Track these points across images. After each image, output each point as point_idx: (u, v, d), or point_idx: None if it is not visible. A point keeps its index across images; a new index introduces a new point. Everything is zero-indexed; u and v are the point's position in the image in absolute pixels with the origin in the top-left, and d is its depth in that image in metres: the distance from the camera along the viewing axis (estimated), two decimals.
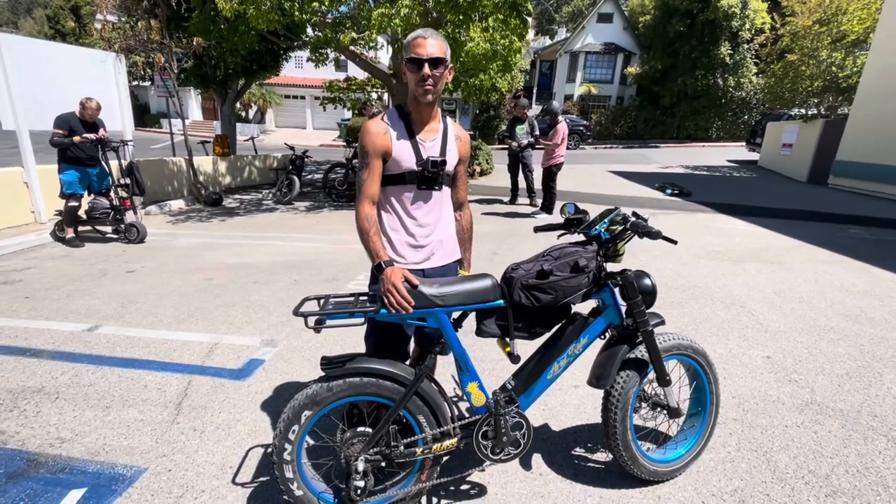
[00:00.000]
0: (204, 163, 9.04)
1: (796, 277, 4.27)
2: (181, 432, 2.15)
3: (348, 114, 25.32)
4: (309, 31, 9.93)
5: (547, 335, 1.70)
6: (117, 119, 7.11)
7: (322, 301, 1.53)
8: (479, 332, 1.62)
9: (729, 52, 21.94)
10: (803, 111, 13.07)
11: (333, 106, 12.40)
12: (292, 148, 9.01)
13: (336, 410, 1.57)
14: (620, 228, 1.62)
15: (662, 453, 1.87)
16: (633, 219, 1.61)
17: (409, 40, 1.49)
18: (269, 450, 2.03)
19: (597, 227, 1.62)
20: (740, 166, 14.49)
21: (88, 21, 27.47)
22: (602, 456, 2.00)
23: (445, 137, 1.62)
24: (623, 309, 1.69)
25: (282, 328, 3.26)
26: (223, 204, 8.18)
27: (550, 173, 7.09)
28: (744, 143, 18.73)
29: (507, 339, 1.59)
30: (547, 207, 7.27)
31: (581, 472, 1.90)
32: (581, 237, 1.75)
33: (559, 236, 1.93)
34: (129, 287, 4.07)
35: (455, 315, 1.62)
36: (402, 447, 1.53)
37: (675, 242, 1.66)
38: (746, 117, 23.15)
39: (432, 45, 1.47)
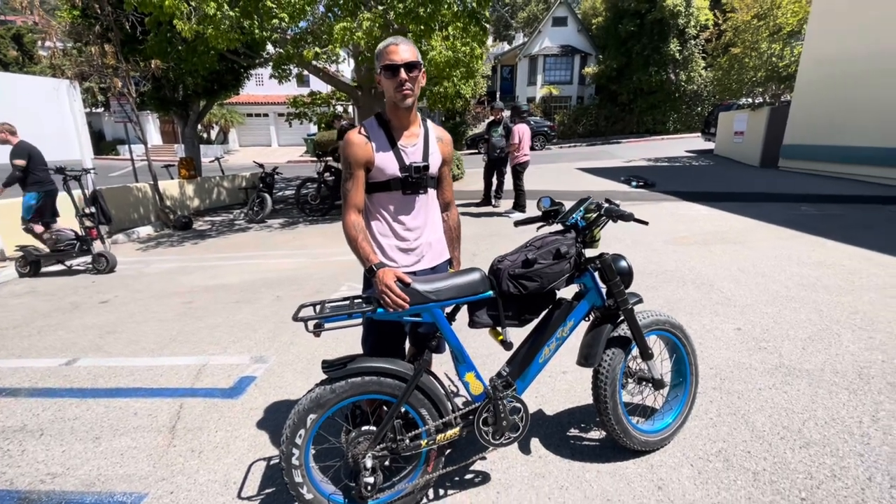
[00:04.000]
0: (170, 187, 8.83)
1: (757, 254, 4.55)
2: (179, 455, 2.13)
3: (314, 128, 25.20)
4: (270, 48, 9.89)
5: (535, 321, 1.80)
6: (75, 147, 6.90)
7: (318, 307, 1.57)
8: (472, 324, 1.70)
9: (678, 48, 22.99)
10: (750, 100, 13.85)
11: (300, 121, 12.33)
12: (262, 166, 8.92)
13: (340, 412, 1.61)
14: (595, 215, 1.73)
15: (651, 424, 1.99)
16: (606, 205, 1.72)
17: (382, 49, 1.53)
18: (277, 457, 2.04)
19: (573, 215, 1.73)
20: (698, 155, 15.17)
21: (32, 49, 26.32)
22: (595, 434, 2.10)
23: (427, 141, 1.66)
24: (603, 291, 1.80)
25: (270, 344, 3.24)
26: (194, 227, 8.00)
27: (516, 172, 7.31)
28: (699, 134, 19.61)
29: (499, 328, 1.68)
30: (519, 205, 7.44)
31: (577, 451, 1.99)
32: (559, 227, 1.86)
33: (538, 228, 2.03)
34: (104, 318, 3.95)
35: (448, 309, 1.70)
36: (407, 440, 1.59)
37: (646, 223, 1.78)
38: (699, 109, 24.26)
39: (405, 49, 1.52)
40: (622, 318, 1.80)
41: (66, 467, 2.08)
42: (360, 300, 1.57)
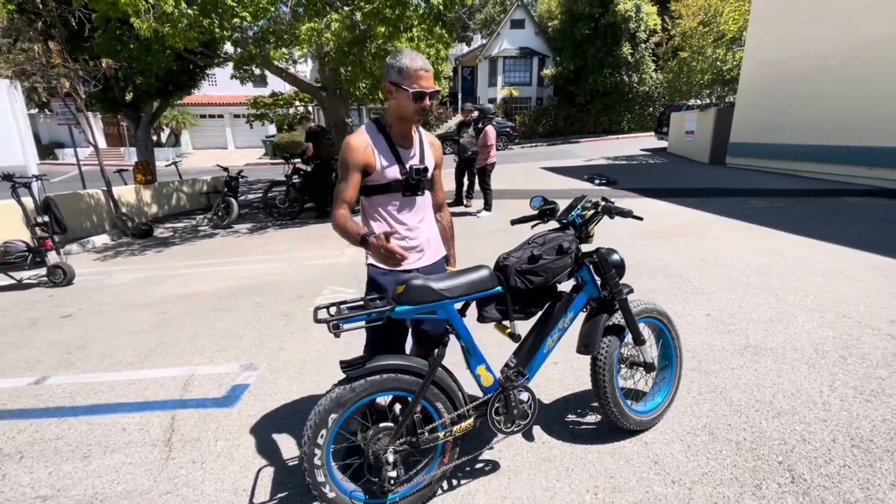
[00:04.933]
0: (125, 193, 8.37)
1: (716, 246, 4.90)
2: (180, 467, 2.08)
3: (273, 130, 24.50)
4: (229, 47, 9.56)
5: (537, 315, 1.90)
6: (18, 152, 6.41)
7: (334, 308, 1.60)
8: (482, 318, 1.78)
9: (630, 51, 24.07)
10: (698, 101, 14.73)
11: (261, 123, 12.00)
12: (226, 169, 8.62)
13: (358, 410, 1.64)
14: (592, 213, 1.85)
15: (644, 405, 2.14)
16: (603, 203, 1.85)
17: (409, 69, 1.58)
18: (291, 460, 2.04)
19: (572, 213, 1.85)
20: (653, 154, 15.99)
21: None
22: (592, 418, 2.24)
23: (423, 147, 1.77)
24: (598, 283, 1.93)
25: (258, 351, 3.19)
26: (154, 234, 7.62)
27: (485, 173, 7.47)
28: (653, 133, 20.65)
29: (508, 322, 1.77)
30: (487, 205, 7.59)
31: (578, 435, 2.11)
32: (555, 224, 1.97)
33: (532, 227, 2.14)
34: (68, 333, 3.74)
35: (458, 305, 1.77)
36: (426, 434, 1.64)
37: (640, 219, 1.91)
38: (651, 109, 25.50)
39: (431, 76, 1.62)
40: (617, 307, 1.93)
41: (57, 489, 1.99)
42: (376, 300, 1.61)
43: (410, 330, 1.86)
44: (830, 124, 9.02)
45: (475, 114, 7.63)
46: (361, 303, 1.61)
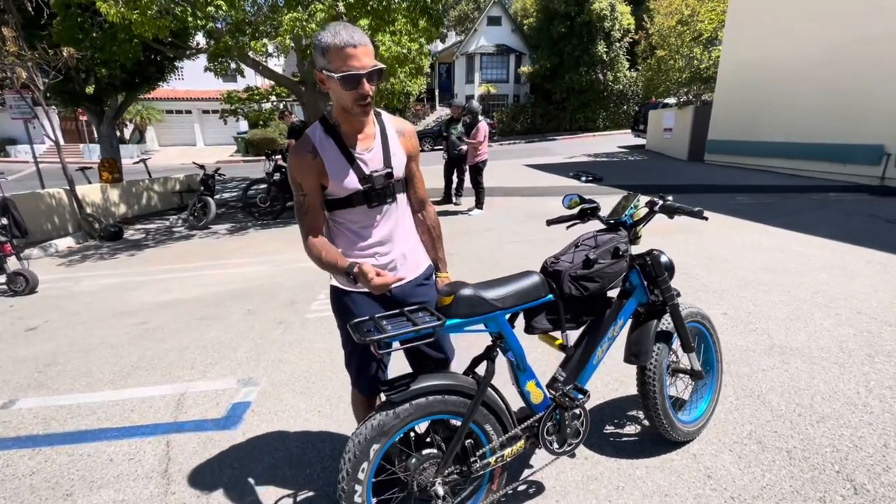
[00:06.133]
0: (90, 192, 7.80)
1: (716, 242, 4.90)
2: (182, 503, 1.84)
3: (245, 126, 23.65)
4: (200, 38, 9.06)
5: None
6: None
7: (371, 325, 1.39)
8: (530, 329, 1.62)
9: (605, 50, 24.37)
10: (674, 99, 15.02)
11: (235, 119, 11.47)
12: (202, 167, 8.16)
13: (401, 437, 1.45)
14: (646, 212, 1.71)
15: (688, 414, 2.03)
16: (661, 202, 1.71)
17: (333, 45, 1.20)
18: (330, 490, 1.83)
19: (626, 213, 1.70)
20: (631, 151, 16.21)
21: None
22: (631, 428, 2.11)
23: (386, 141, 1.42)
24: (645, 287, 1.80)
25: (255, 364, 2.94)
26: (125, 237, 7.13)
27: (477, 170, 7.31)
28: (629, 130, 20.95)
29: (560, 333, 1.61)
30: (479, 203, 7.45)
31: (621, 448, 1.98)
32: (598, 224, 1.83)
33: (568, 227, 1.99)
34: (36, 348, 3.37)
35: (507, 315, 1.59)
36: (477, 461, 1.47)
37: (706, 219, 1.78)
38: (625, 107, 25.93)
39: (365, 52, 1.21)
40: (666, 312, 1.81)
41: None
42: (418, 313, 1.41)
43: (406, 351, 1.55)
44: (806, 122, 9.30)
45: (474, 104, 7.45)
46: (403, 318, 1.40)
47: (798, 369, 2.47)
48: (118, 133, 23.45)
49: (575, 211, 1.91)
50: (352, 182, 1.36)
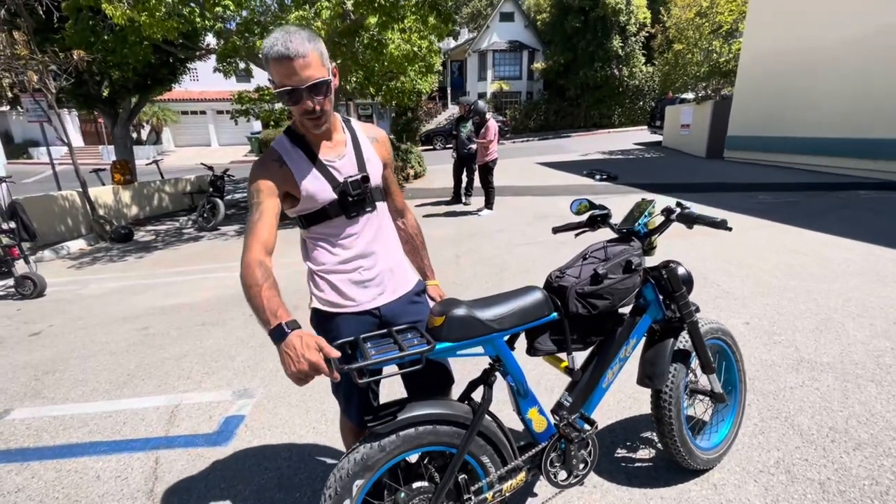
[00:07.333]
0: (102, 194, 7.87)
1: (737, 245, 4.65)
2: None
3: (258, 126, 23.82)
4: (210, 38, 9.07)
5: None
6: None
7: (353, 347, 1.26)
8: (533, 352, 1.47)
9: (620, 44, 23.89)
10: (692, 94, 14.59)
11: (246, 119, 11.50)
12: (211, 168, 8.16)
13: (388, 471, 1.32)
14: (661, 221, 1.55)
15: (707, 439, 1.86)
16: (679, 209, 1.55)
17: (270, 57, 1.11)
18: None
19: (640, 221, 1.54)
20: (648, 148, 15.82)
21: None
22: (644, 453, 1.95)
23: (357, 146, 1.34)
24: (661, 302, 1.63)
25: (253, 374, 2.85)
26: (135, 238, 7.17)
27: (487, 169, 7.14)
28: (646, 127, 20.49)
29: (565, 355, 1.46)
30: (489, 203, 7.29)
31: (632, 475, 1.83)
32: (609, 233, 1.67)
33: (576, 235, 1.84)
34: (37, 354, 3.34)
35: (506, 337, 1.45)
36: (472, 497, 1.34)
37: (730, 229, 1.61)
38: (642, 103, 25.40)
39: (303, 64, 1.10)
40: (684, 329, 1.64)
41: None
42: (410, 334, 1.28)
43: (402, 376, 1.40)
44: (832, 117, 8.89)
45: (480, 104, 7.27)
46: (389, 339, 1.27)
47: (830, 387, 2.27)
48: (135, 134, 23.91)
49: (584, 217, 1.76)
50: (324, 191, 1.26)
